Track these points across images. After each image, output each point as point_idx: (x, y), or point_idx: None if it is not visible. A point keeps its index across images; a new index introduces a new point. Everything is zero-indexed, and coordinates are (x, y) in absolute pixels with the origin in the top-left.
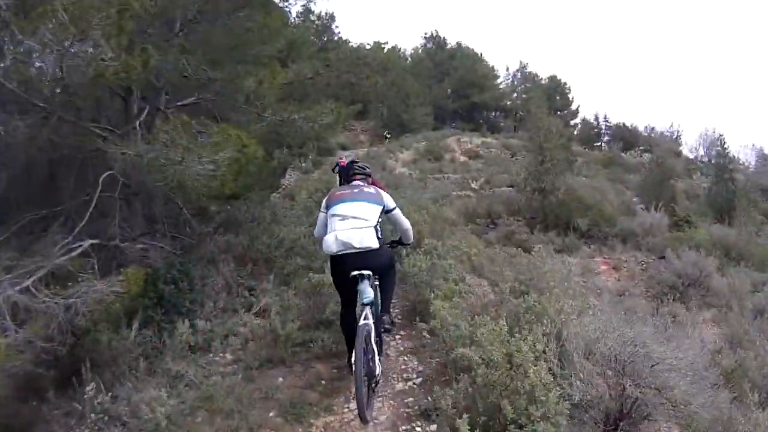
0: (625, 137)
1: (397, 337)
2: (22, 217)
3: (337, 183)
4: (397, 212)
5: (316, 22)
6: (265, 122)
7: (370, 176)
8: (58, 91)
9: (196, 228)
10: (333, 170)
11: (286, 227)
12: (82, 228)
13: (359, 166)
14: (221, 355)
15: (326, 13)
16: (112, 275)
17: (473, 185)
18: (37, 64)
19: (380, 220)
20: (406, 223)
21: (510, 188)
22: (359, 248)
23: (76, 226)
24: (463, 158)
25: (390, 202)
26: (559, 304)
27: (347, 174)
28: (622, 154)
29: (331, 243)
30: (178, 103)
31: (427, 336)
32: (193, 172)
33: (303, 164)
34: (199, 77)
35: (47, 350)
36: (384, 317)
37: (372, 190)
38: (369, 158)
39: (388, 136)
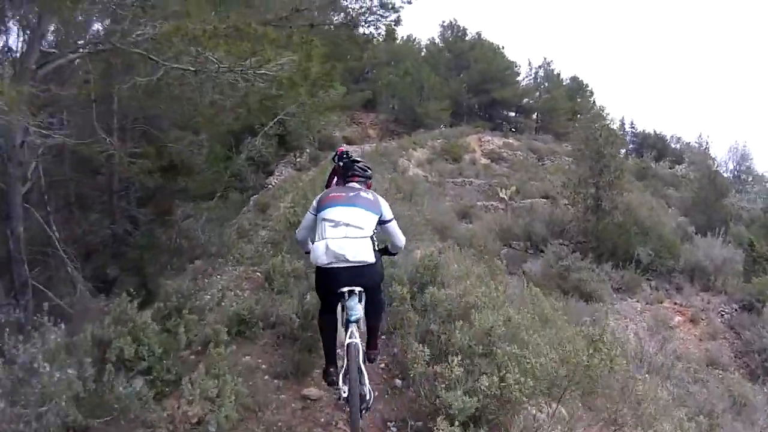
0: (657, 147)
1: None
2: None
3: (328, 179)
4: (393, 224)
5: None
6: (159, 72)
7: (370, 179)
8: None
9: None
10: (333, 159)
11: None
12: None
13: (360, 167)
14: None
15: None
16: None
17: (502, 194)
18: None
19: (376, 230)
20: (401, 238)
21: (544, 200)
22: (353, 262)
23: None
24: (484, 160)
25: (387, 212)
26: None
27: (345, 172)
28: (652, 165)
29: (320, 253)
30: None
31: None
32: None
33: (298, 159)
34: None
35: None
36: (372, 356)
37: (369, 195)
38: (378, 155)
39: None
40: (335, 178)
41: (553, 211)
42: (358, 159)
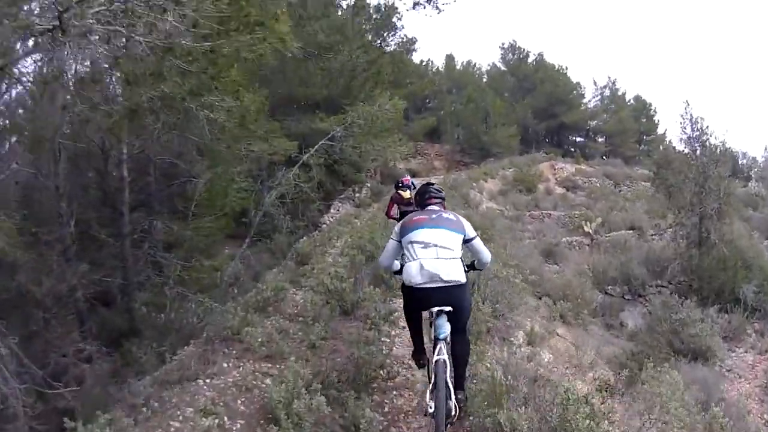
0: (732, 166)
1: None
2: None
3: (388, 206)
4: (478, 241)
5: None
6: None
7: (444, 200)
8: None
9: None
10: (395, 186)
11: None
12: None
13: (434, 189)
14: None
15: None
16: None
17: (587, 228)
18: None
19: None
20: (488, 254)
21: (631, 231)
22: (447, 281)
23: None
24: (560, 189)
25: (470, 231)
26: None
27: (421, 197)
28: None
29: (414, 273)
30: None
31: None
32: None
33: (357, 195)
34: None
35: None
36: (459, 396)
37: (452, 216)
38: (447, 188)
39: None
40: (395, 206)
41: (650, 246)
42: (432, 182)
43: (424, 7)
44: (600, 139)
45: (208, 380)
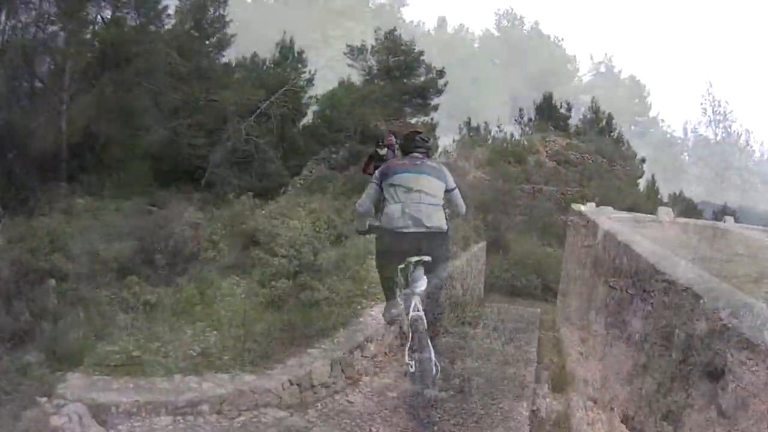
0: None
1: None
2: None
3: (365, 162)
4: (457, 193)
5: None
6: None
7: (430, 150)
8: None
9: None
10: (377, 144)
11: None
12: None
13: (421, 137)
14: None
15: None
16: None
17: (583, 208)
18: None
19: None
20: (463, 206)
21: (628, 213)
22: (429, 227)
23: None
24: (551, 163)
25: (451, 181)
26: None
27: (407, 144)
28: None
29: (396, 216)
30: None
31: None
32: None
33: (333, 156)
34: None
35: None
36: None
37: (434, 164)
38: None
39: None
40: (372, 162)
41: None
42: (420, 130)
43: None
44: (590, 116)
45: None
